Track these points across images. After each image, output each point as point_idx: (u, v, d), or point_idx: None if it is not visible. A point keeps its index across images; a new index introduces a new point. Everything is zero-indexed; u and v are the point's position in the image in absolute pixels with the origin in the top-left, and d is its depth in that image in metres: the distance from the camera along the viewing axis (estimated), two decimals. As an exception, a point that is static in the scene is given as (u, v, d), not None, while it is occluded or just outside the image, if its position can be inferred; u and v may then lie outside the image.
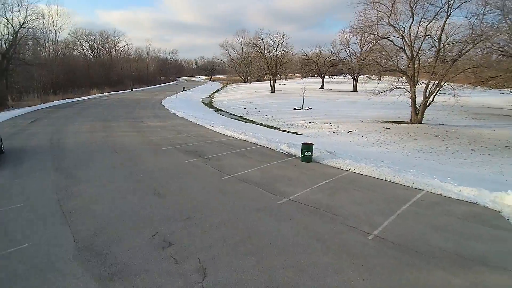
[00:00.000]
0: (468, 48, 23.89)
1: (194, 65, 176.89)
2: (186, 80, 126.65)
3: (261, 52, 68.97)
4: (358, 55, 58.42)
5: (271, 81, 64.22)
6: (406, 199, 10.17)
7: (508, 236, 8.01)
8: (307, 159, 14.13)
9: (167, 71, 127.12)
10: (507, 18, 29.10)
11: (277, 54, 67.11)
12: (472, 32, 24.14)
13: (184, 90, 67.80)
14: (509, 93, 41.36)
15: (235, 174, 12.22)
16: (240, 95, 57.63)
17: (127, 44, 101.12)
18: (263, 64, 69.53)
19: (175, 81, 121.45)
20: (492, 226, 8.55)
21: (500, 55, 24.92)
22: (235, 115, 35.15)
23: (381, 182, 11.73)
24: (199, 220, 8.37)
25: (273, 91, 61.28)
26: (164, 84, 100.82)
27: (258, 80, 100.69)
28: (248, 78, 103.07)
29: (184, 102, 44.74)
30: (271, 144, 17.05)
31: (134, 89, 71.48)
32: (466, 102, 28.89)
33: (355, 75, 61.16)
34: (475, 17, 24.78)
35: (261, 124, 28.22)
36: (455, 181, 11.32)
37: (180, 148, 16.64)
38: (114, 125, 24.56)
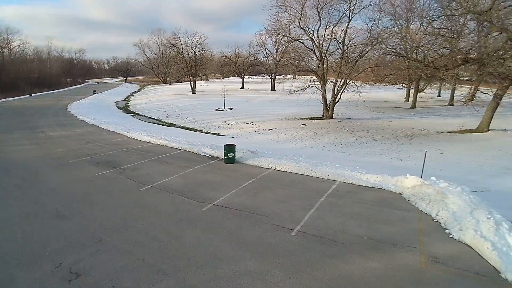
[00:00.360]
0: (367, 49, 26.94)
1: (106, 66, 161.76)
2: (97, 83, 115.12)
3: (179, 53, 66.84)
4: (274, 56, 61.05)
5: (192, 82, 62.83)
6: (323, 191, 10.83)
7: (409, 216, 9.12)
8: (230, 160, 14.05)
9: (74, 73, 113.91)
10: (398, 23, 33.81)
11: (196, 55, 65.91)
12: (370, 35, 27.34)
13: (94, 93, 61.72)
14: (401, 88, 48.18)
15: (154, 184, 11.43)
16: (159, 97, 54.97)
17: (23, 43, 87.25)
18: (182, 64, 67.54)
19: (84, 84, 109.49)
20: (396, 208, 9.65)
21: (393, 55, 28.66)
22: (154, 118, 33.29)
23: (301, 177, 12.30)
24: (113, 242, 7.51)
25: (194, 92, 60.02)
26: (71, 88, 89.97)
27: (178, 81, 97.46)
28: (168, 79, 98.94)
29: (95, 107, 40.64)
30: (193, 148, 16.52)
31: (33, 94, 62.14)
32: (367, 98, 32.62)
33: (273, 75, 63.80)
34: (372, 22, 28.21)
35: (182, 127, 27.28)
36: (363, 170, 12.54)
37: (90, 160, 14.92)
38: (6, 138, 20.86)
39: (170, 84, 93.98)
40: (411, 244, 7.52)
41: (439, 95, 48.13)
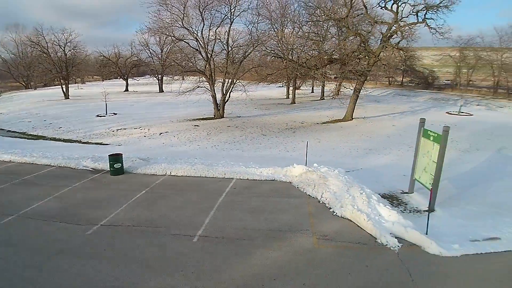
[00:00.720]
0: (250, 51, 28.44)
1: None
2: None
3: (44, 52, 56.69)
4: (160, 56, 58.41)
5: (64, 86, 54.42)
6: (222, 190, 10.87)
7: (299, 202, 9.98)
8: (118, 172, 12.68)
9: None
10: (274, 26, 36.72)
11: (66, 54, 57.15)
12: (251, 37, 28.88)
13: None
14: (282, 86, 52.73)
15: (20, 212, 9.32)
16: (22, 105, 45.65)
17: None
18: (49, 66, 57.56)
19: None
20: (288, 196, 10.43)
21: (272, 56, 31.04)
22: (15, 132, 27.44)
23: (198, 180, 12.06)
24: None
25: (67, 97, 52.21)
26: None
27: (45, 85, 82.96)
28: (31, 83, 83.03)
29: None
30: (71, 162, 14.26)
31: None
32: (254, 96, 34.53)
33: (160, 76, 60.98)
34: (252, 25, 29.90)
35: (54, 139, 23.33)
36: (256, 165, 13.15)
37: None
38: None
39: (35, 89, 79.26)
40: (304, 227, 8.24)
41: (312, 91, 54.65)
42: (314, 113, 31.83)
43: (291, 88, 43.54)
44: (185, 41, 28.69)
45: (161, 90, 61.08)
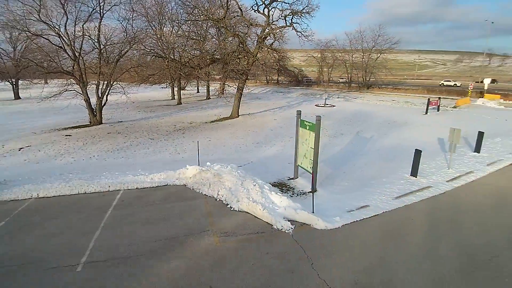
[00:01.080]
0: (126, 49, 26.11)
1: None
2: None
3: None
4: (12, 55, 48.03)
5: None
6: (107, 206, 9.68)
7: (196, 203, 9.77)
8: (-41, 203, 9.83)
9: None
10: (152, 24, 34.79)
11: None
12: (126, 35, 26.59)
13: None
14: (166, 87, 50.80)
15: None
16: None
17: None
18: None
19: None
20: (184, 199, 10.08)
21: (153, 56, 29.39)
22: None
23: (76, 198, 10.41)
24: None
25: None
26: None
27: None
28: None
29: None
30: None
31: None
32: (136, 98, 32.17)
33: (13, 80, 50.24)
34: (127, 21, 27.56)
35: None
36: (146, 171, 12.26)
37: None
38: None
39: None
40: (204, 228, 8.10)
41: (198, 91, 54.59)
42: (201, 112, 31.80)
43: (176, 89, 42.35)
44: (44, 38, 24.21)
45: (17, 97, 50.65)
